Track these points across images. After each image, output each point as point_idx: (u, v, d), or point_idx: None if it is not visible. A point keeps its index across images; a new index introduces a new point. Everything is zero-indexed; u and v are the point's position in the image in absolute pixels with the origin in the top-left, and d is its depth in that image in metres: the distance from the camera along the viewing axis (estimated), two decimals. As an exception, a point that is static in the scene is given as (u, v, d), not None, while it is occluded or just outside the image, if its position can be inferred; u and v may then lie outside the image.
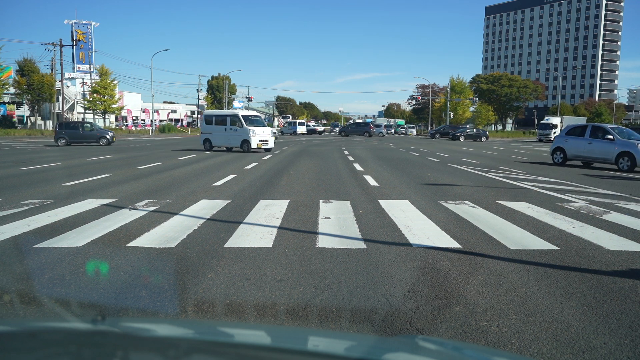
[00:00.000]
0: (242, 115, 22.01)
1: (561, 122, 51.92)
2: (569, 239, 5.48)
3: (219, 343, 1.19)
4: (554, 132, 51.73)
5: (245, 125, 21.42)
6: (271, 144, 22.41)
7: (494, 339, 2.89)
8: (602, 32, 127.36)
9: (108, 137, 29.08)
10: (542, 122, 56.92)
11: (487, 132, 56.10)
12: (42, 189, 8.96)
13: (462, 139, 49.10)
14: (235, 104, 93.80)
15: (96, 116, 57.22)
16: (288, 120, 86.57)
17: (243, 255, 4.61)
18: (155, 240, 5.12)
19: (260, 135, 21.73)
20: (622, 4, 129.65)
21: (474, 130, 53.66)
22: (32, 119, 59.41)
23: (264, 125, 22.97)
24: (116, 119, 71.63)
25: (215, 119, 22.75)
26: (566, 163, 17.37)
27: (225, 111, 22.64)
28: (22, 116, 63.40)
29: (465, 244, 5.16)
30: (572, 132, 17.57)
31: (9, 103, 57.67)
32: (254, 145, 21.33)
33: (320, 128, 77.86)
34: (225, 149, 22.78)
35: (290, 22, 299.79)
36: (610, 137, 15.80)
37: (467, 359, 1.29)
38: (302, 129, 68.77)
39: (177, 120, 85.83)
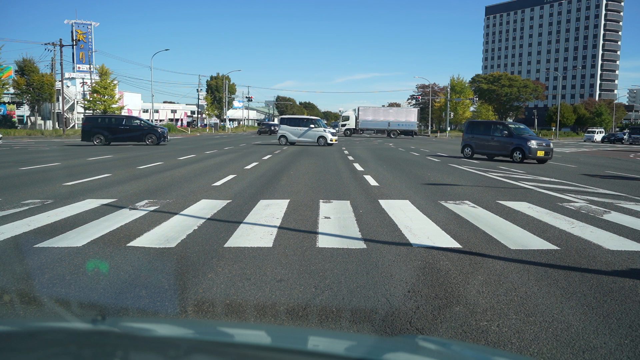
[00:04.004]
0: None
1: (356, 113, 53.64)
2: (569, 239, 5.48)
3: (219, 343, 1.19)
4: (343, 126, 54.24)
5: None
6: None
7: (494, 339, 2.89)
8: (602, 32, 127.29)
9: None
10: (343, 115, 59.24)
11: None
12: (42, 189, 8.96)
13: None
14: (235, 103, 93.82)
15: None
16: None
17: (243, 255, 4.61)
18: (155, 240, 5.12)
19: None
20: (622, 4, 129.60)
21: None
22: (32, 118, 59.42)
23: None
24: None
25: None
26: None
27: None
28: (22, 116, 63.43)
29: (465, 244, 5.15)
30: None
31: (9, 103, 57.65)
32: None
33: None
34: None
35: (291, 22, 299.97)
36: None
37: (467, 359, 1.29)
38: None
39: (175, 120, 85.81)
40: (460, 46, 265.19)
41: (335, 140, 29.90)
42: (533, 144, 18.11)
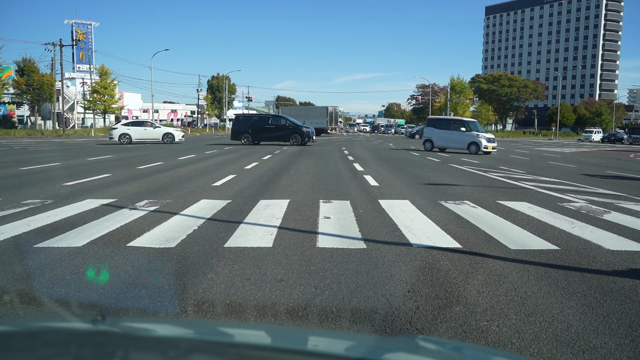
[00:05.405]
0: None
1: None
2: (569, 239, 5.48)
3: (219, 343, 1.19)
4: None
5: None
6: None
7: (494, 339, 2.89)
8: (602, 32, 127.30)
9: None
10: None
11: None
12: (42, 189, 8.96)
13: (417, 137, 51.85)
14: (235, 103, 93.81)
15: (96, 116, 57.20)
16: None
17: (243, 255, 4.61)
18: (155, 240, 5.12)
19: None
20: (622, 4, 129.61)
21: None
22: (32, 119, 59.42)
23: None
24: (116, 119, 71.63)
25: None
26: None
27: None
28: (22, 116, 63.42)
29: (465, 244, 5.15)
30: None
31: (9, 103, 57.64)
32: None
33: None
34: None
35: (291, 22, 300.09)
36: None
37: (467, 359, 1.29)
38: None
39: (178, 120, 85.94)
40: (460, 46, 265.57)
41: (492, 148, 23.14)
42: None
